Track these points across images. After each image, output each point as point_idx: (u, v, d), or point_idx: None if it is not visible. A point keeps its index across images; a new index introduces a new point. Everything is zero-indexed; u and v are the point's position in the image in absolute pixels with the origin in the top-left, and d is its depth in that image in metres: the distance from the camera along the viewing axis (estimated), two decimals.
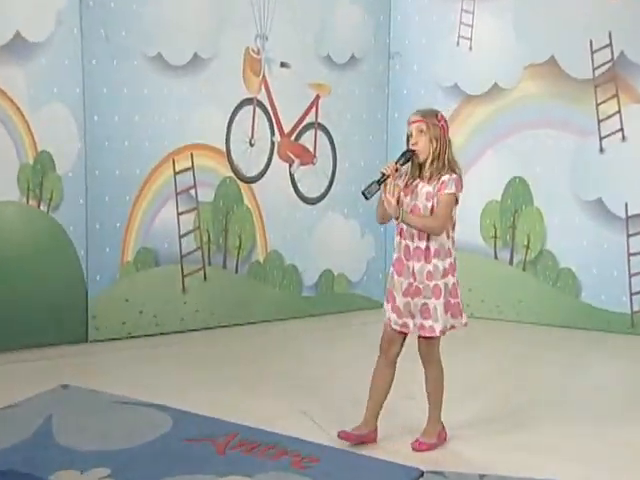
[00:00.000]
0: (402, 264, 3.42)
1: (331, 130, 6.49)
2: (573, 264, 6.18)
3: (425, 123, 3.36)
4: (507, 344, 5.74)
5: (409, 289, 3.42)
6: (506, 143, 6.40)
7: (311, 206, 6.45)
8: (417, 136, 3.37)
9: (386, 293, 3.52)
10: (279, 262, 6.28)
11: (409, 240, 3.41)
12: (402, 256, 3.41)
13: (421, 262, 3.38)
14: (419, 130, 3.37)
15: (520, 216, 6.36)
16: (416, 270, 3.39)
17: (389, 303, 3.49)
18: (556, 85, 6.17)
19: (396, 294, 3.46)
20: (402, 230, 3.42)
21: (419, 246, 3.39)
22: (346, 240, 6.56)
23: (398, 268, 3.43)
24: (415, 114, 3.43)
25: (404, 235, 3.43)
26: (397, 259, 3.43)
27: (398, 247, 3.43)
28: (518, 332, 6.11)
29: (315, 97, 6.38)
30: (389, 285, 3.49)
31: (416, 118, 3.40)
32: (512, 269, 6.39)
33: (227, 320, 6.01)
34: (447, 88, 6.52)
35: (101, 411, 3.92)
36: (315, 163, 6.42)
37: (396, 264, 3.44)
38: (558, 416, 4.08)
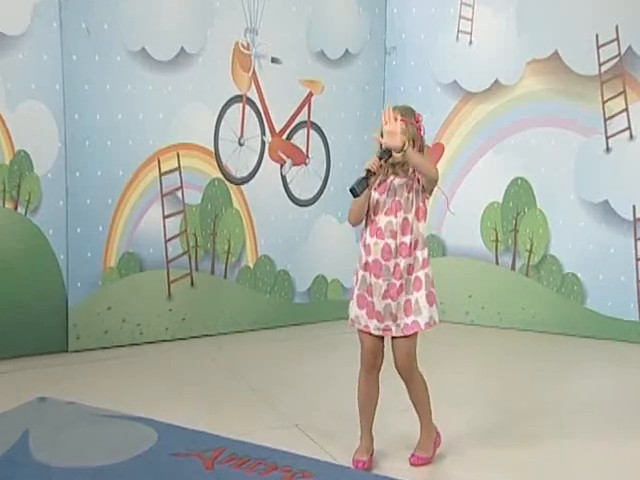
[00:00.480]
0: (379, 265, 3.39)
1: (324, 129, 6.45)
2: (578, 269, 6.15)
3: (404, 122, 3.33)
4: (509, 352, 5.72)
5: (390, 290, 3.39)
6: (508, 142, 6.36)
7: (304, 208, 6.41)
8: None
9: (355, 299, 3.46)
10: (270, 267, 6.26)
11: (390, 238, 3.37)
12: (379, 257, 3.37)
13: (405, 257, 3.38)
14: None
15: (522, 219, 6.33)
16: (402, 267, 3.37)
17: (363, 309, 3.45)
18: (560, 82, 6.14)
19: (373, 298, 3.42)
20: (379, 230, 3.38)
21: (404, 242, 3.38)
22: (340, 244, 6.50)
23: (375, 270, 3.39)
24: (393, 109, 3.38)
25: (382, 234, 3.39)
26: (374, 261, 3.38)
27: (374, 248, 3.37)
28: (520, 340, 6.08)
29: (307, 94, 6.34)
30: (359, 290, 3.45)
31: (395, 116, 3.35)
32: (514, 274, 6.37)
33: (215, 328, 5.99)
34: (446, 85, 6.49)
35: (81, 425, 3.88)
36: (308, 164, 6.38)
37: (372, 266, 3.39)
38: (560, 431, 4.06)
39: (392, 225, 3.39)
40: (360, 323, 3.49)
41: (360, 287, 3.45)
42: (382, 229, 3.40)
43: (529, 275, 6.32)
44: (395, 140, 3.24)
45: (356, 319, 3.50)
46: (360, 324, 3.48)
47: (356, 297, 3.46)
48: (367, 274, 3.43)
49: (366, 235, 3.43)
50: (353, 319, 3.51)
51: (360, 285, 3.45)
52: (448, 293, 6.25)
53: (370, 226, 3.42)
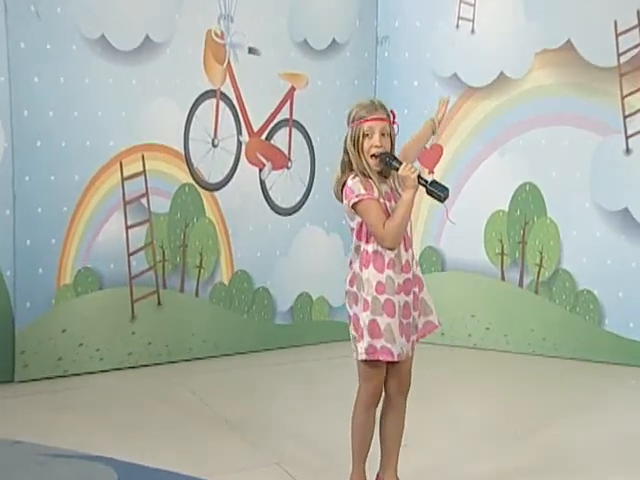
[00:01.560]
0: (410, 280, 3.32)
1: (308, 128, 6.46)
2: (595, 286, 6.14)
3: (389, 124, 3.32)
4: (517, 380, 5.72)
5: (414, 303, 3.36)
6: (515, 143, 6.36)
7: (285, 218, 6.42)
8: (381, 138, 3.29)
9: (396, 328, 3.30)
10: (247, 284, 6.25)
11: (405, 250, 3.33)
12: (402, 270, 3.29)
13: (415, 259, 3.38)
14: (383, 132, 3.30)
15: (531, 229, 6.33)
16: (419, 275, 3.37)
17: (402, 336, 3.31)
18: (574, 74, 6.16)
19: (401, 318, 3.31)
20: (406, 240, 3.32)
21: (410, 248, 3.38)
22: (327, 258, 6.53)
23: (404, 285, 3.30)
24: (374, 108, 3.32)
25: (406, 244, 3.34)
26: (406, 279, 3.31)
27: (396, 259, 3.29)
28: (530, 366, 6.09)
29: (290, 89, 6.35)
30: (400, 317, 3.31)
31: (380, 115, 3.32)
32: (522, 292, 6.36)
33: (185, 353, 5.95)
34: (445, 79, 6.50)
35: (30, 467, 3.81)
36: (290, 167, 6.39)
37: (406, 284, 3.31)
38: (576, 470, 3.98)
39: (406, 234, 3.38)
40: (403, 352, 3.35)
41: (400, 314, 3.33)
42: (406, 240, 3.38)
43: (539, 292, 6.32)
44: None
45: (402, 350, 3.34)
46: (403, 353, 3.35)
47: (399, 327, 3.31)
48: (403, 296, 3.33)
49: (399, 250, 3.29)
50: (401, 353, 3.33)
51: (399, 312, 3.32)
52: (448, 312, 6.22)
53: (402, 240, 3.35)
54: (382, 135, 3.27)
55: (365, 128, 3.27)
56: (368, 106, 3.32)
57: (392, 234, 3.21)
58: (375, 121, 3.29)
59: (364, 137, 3.28)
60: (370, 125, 3.27)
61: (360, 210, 3.22)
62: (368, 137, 3.28)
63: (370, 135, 3.27)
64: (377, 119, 3.29)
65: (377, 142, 3.26)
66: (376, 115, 3.30)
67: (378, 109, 3.31)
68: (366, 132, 3.27)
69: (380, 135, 3.27)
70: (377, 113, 3.31)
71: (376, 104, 3.33)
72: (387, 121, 3.31)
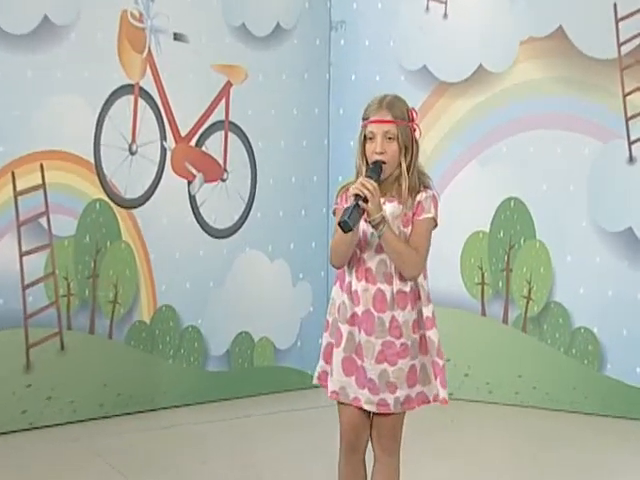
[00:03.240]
0: (371, 318, 3.49)
1: (248, 132, 6.41)
2: (594, 323, 6.10)
3: (396, 125, 3.43)
4: (502, 437, 5.73)
5: (386, 351, 3.49)
6: (497, 150, 6.35)
7: (220, 241, 6.35)
8: (384, 143, 3.42)
9: (338, 362, 3.55)
10: (174, 323, 6.17)
11: (384, 283, 3.48)
12: (371, 307, 3.47)
13: (406, 310, 3.49)
14: (386, 135, 3.43)
15: (517, 254, 6.30)
16: (401, 322, 3.48)
17: (350, 376, 3.53)
18: (566, 68, 6.13)
19: (364, 361, 3.50)
20: (367, 271, 3.49)
21: (403, 290, 3.48)
22: (271, 290, 6.53)
23: (366, 324, 3.48)
24: (379, 107, 3.46)
25: (373, 278, 3.49)
26: (364, 312, 3.49)
27: (363, 295, 3.49)
28: (517, 420, 6.07)
29: (225, 85, 6.29)
30: (346, 352, 3.53)
31: (383, 116, 3.43)
32: (507, 330, 6.35)
33: (95, 410, 5.86)
34: (413, 72, 6.48)
35: None
36: (225, 179, 6.33)
37: (360, 319, 3.50)
38: None
39: (386, 266, 3.49)
40: (348, 396, 3.54)
41: (346, 348, 3.53)
42: (372, 271, 3.50)
43: (527, 331, 6.29)
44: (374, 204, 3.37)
45: (342, 391, 3.54)
46: (348, 396, 3.53)
47: (342, 361, 3.54)
48: (355, 330, 3.52)
49: (350, 278, 3.52)
50: (337, 391, 3.55)
51: (345, 345, 3.52)
52: None
53: (356, 267, 3.52)
54: (388, 139, 3.41)
55: (367, 131, 3.43)
56: (374, 104, 3.46)
57: (330, 249, 3.49)
58: (377, 123, 3.42)
59: (367, 140, 3.44)
60: (371, 127, 3.42)
61: None
62: (371, 141, 3.43)
63: (373, 139, 3.43)
64: (379, 121, 3.42)
65: (378, 147, 3.40)
66: (378, 116, 3.42)
67: (383, 108, 3.43)
68: (368, 135, 3.43)
69: (384, 139, 3.41)
70: (380, 113, 3.43)
71: (383, 102, 3.45)
72: (395, 122, 3.42)
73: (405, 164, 3.45)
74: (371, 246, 3.48)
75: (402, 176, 3.45)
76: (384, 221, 3.37)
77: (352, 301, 3.50)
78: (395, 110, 3.43)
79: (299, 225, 6.49)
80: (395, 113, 3.42)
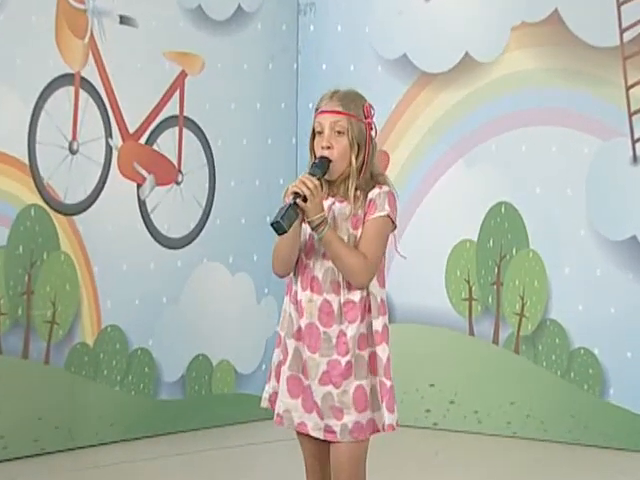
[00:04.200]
0: (316, 332, 3.47)
1: (205, 129, 6.34)
2: (594, 342, 6.03)
3: (347, 118, 3.43)
4: (491, 472, 5.64)
5: (331, 371, 3.46)
6: (485, 149, 6.28)
7: (175, 252, 6.27)
8: (331, 137, 3.43)
9: (284, 384, 3.52)
10: (121, 345, 6.08)
11: (330, 293, 3.47)
12: (316, 321, 3.46)
13: (355, 323, 3.45)
14: (335, 129, 3.43)
15: (509, 266, 6.25)
16: (349, 337, 3.44)
17: (297, 397, 3.51)
18: (562, 57, 6.06)
19: (309, 381, 3.48)
20: (313, 280, 3.49)
21: (351, 300, 3.45)
22: (233, 307, 6.46)
23: (309, 339, 3.47)
24: (330, 98, 3.48)
25: (319, 287, 3.49)
26: (308, 326, 3.47)
27: (307, 307, 3.49)
28: (509, 453, 6.02)
29: (179, 75, 6.21)
30: (290, 369, 3.51)
31: (333, 107, 3.45)
32: (497, 351, 6.27)
33: (29, 447, 5.72)
34: (391, 62, 6.42)
35: None
36: (180, 182, 6.25)
37: (304, 333, 3.48)
38: None
39: (334, 274, 3.48)
40: (292, 420, 3.50)
41: (291, 365, 3.51)
42: (319, 279, 3.49)
43: (520, 352, 6.22)
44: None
45: (286, 414, 3.51)
46: (292, 421, 3.50)
47: (286, 380, 3.52)
48: (300, 345, 3.51)
49: (296, 288, 3.54)
50: (281, 414, 3.51)
51: (291, 362, 3.51)
52: (397, 380, 5.80)
53: (302, 275, 3.52)
54: (337, 133, 3.40)
55: (315, 122, 3.46)
56: (326, 95, 3.49)
57: (272, 256, 3.51)
58: (325, 114, 3.44)
59: (317, 133, 3.46)
60: (319, 119, 3.44)
61: None
62: (319, 135, 3.45)
63: (321, 132, 3.44)
64: (328, 112, 3.43)
65: (324, 141, 3.41)
66: (328, 107, 3.43)
67: (334, 99, 3.44)
68: (316, 128, 3.45)
69: (332, 132, 3.41)
70: (330, 104, 3.44)
71: (335, 93, 3.47)
72: (344, 114, 3.42)
73: (355, 163, 3.42)
74: (317, 252, 3.46)
75: (351, 175, 3.42)
76: (325, 222, 3.36)
77: (297, 313, 3.50)
78: (347, 102, 3.42)
79: (264, 234, 6.15)
80: (347, 105, 3.42)
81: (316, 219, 3.35)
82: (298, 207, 3.31)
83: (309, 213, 3.33)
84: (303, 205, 3.30)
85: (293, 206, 3.31)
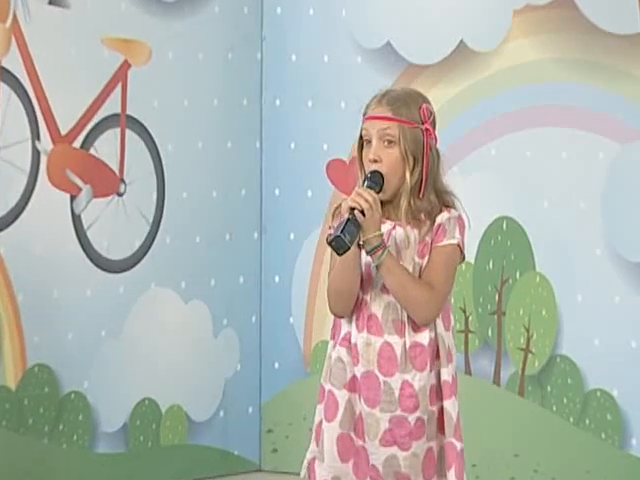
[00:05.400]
0: (375, 383, 3.40)
1: (153, 130, 6.19)
2: (613, 383, 5.83)
3: (398, 124, 3.38)
4: None
5: (396, 430, 3.40)
6: (483, 155, 6.14)
7: (116, 276, 6.11)
8: (380, 147, 3.38)
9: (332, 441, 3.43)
10: (50, 388, 5.90)
11: (393, 335, 3.41)
12: (375, 368, 3.40)
13: (425, 372, 3.42)
14: (384, 138, 3.38)
15: (512, 292, 6.08)
16: (417, 388, 3.39)
17: (347, 462, 3.44)
18: (574, 46, 5.91)
19: (365, 441, 3.42)
20: (371, 318, 3.43)
21: (419, 343, 3.42)
22: (185, 341, 6.31)
23: (367, 391, 3.40)
24: (379, 101, 3.42)
25: (378, 327, 3.43)
26: (365, 374, 3.40)
27: (364, 351, 3.42)
28: None
29: (121, 66, 6.07)
30: (342, 427, 3.42)
31: (381, 112, 3.39)
32: (499, 393, 6.12)
33: None
34: (373, 51, 6.28)
35: None
36: (122, 193, 6.10)
37: (361, 383, 3.41)
38: None
39: (396, 311, 3.43)
40: None
41: (342, 422, 3.44)
42: (378, 318, 3.43)
43: (525, 394, 6.05)
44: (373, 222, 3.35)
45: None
46: None
47: (336, 440, 3.46)
48: (356, 397, 3.44)
49: (349, 328, 3.47)
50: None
51: (342, 419, 3.44)
52: None
53: (357, 312, 3.47)
54: (385, 143, 3.37)
55: (363, 130, 3.44)
56: (375, 97, 3.46)
57: (328, 291, 3.46)
58: (372, 120, 3.41)
59: (365, 142, 3.45)
60: (366, 126, 3.42)
61: None
62: (367, 144, 3.44)
63: (369, 141, 3.42)
64: (375, 117, 3.39)
65: (370, 153, 3.38)
66: (376, 111, 3.39)
67: (383, 103, 3.40)
68: (364, 136, 3.43)
69: (380, 142, 3.37)
70: (379, 109, 3.39)
71: (386, 95, 3.43)
72: (394, 120, 3.37)
73: (410, 180, 3.35)
74: (375, 284, 3.41)
75: (404, 194, 3.35)
76: (383, 244, 3.31)
77: (351, 358, 3.44)
78: (398, 105, 3.36)
79: (222, 254, 6.35)
80: (398, 109, 3.35)
81: (374, 239, 3.30)
82: (357, 222, 3.29)
83: (367, 231, 3.29)
84: (362, 219, 3.25)
85: (353, 220, 3.28)
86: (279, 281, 6.61)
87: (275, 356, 6.51)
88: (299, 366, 6.57)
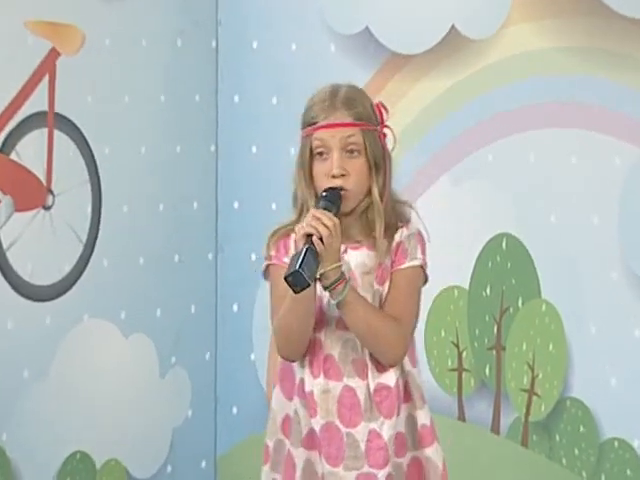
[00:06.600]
0: (336, 435, 3.42)
1: (87, 131, 6.00)
2: (633, 432, 5.57)
3: (361, 130, 3.42)
4: None
5: None
6: (478, 160, 5.93)
7: (42, 305, 5.87)
8: (342, 159, 3.38)
9: None
10: None
11: (354, 377, 3.43)
12: (335, 419, 3.41)
13: (392, 418, 3.43)
14: (347, 148, 3.39)
15: (514, 323, 5.84)
16: (386, 438, 3.40)
17: None
18: (585, 32, 5.70)
19: None
20: (327, 360, 3.44)
21: (385, 385, 3.42)
22: (125, 383, 6.11)
23: (328, 447, 3.42)
24: (331, 103, 3.43)
25: (336, 370, 3.44)
26: (325, 427, 3.41)
27: (321, 399, 3.42)
28: None
29: (48, 55, 5.87)
30: None
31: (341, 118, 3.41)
32: (498, 443, 5.87)
33: None
34: (349, 38, 6.17)
35: None
36: (50, 206, 5.90)
37: (320, 438, 3.41)
38: None
39: (356, 349, 3.45)
40: None
41: None
42: (335, 359, 3.46)
43: (529, 444, 5.81)
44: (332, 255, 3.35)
45: None
46: None
47: None
48: (315, 455, 3.46)
49: (302, 374, 3.49)
50: None
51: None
52: None
53: (310, 354, 3.49)
54: (349, 153, 3.37)
55: (315, 141, 3.39)
56: (322, 99, 3.44)
57: (275, 331, 3.44)
58: (332, 128, 3.40)
59: (315, 156, 3.41)
60: (321, 136, 3.38)
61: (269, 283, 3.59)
62: (321, 158, 3.39)
63: (325, 154, 3.38)
64: (336, 125, 3.39)
65: (335, 168, 3.35)
66: (333, 118, 3.39)
67: (338, 105, 3.40)
68: (316, 149, 3.39)
69: (342, 153, 3.36)
70: (335, 114, 3.40)
71: (337, 95, 3.43)
72: (361, 126, 3.40)
73: (377, 190, 3.35)
74: (329, 320, 3.41)
75: (374, 209, 3.35)
76: (343, 276, 3.29)
77: (307, 410, 3.44)
78: (358, 107, 3.38)
79: (170, 279, 6.20)
80: (358, 112, 3.37)
81: (332, 272, 3.25)
82: (316, 253, 3.25)
83: (325, 262, 3.25)
84: (322, 249, 3.21)
85: (311, 251, 3.23)
86: (238, 310, 6.50)
87: (233, 400, 6.43)
88: (261, 411, 6.38)
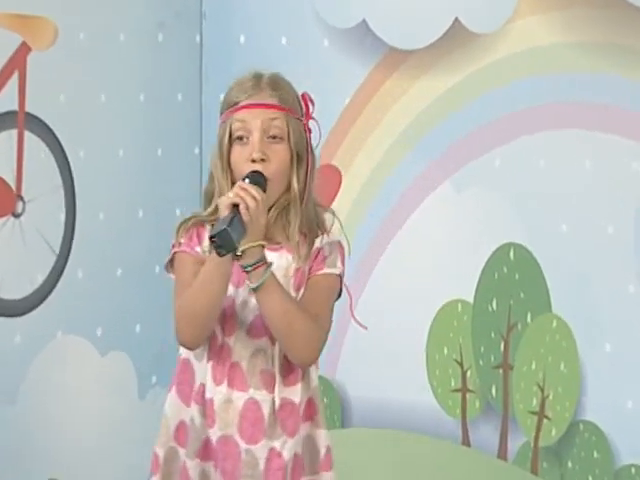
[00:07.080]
0: (234, 450, 3.37)
1: (60, 133, 5.88)
2: None
3: (285, 115, 3.39)
4: None
5: None
6: (483, 165, 5.85)
7: (11, 321, 5.76)
8: (263, 142, 3.35)
9: None
10: None
11: (260, 390, 3.37)
12: (235, 433, 3.35)
13: (295, 437, 3.40)
14: (270, 132, 3.39)
15: (522, 340, 5.74)
16: (286, 459, 3.37)
17: None
18: (599, 26, 5.62)
19: None
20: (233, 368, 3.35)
21: (290, 400, 3.39)
22: (102, 405, 5.95)
23: (224, 461, 3.37)
24: (255, 85, 3.43)
25: (242, 380, 3.38)
26: (222, 440, 3.35)
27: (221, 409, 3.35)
28: None
29: (18, 50, 5.78)
30: None
31: (264, 99, 3.41)
32: (505, 469, 5.79)
33: None
34: (344, 32, 6.07)
35: None
36: (20, 214, 5.80)
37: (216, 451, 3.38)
38: None
39: (266, 360, 3.41)
40: None
41: None
42: (242, 368, 3.40)
43: (539, 470, 5.71)
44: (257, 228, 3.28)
45: None
46: None
47: None
48: (210, 468, 3.42)
49: (204, 379, 3.41)
50: None
51: None
52: None
53: (214, 359, 3.40)
54: (272, 139, 3.34)
55: (235, 124, 3.36)
56: (247, 81, 3.44)
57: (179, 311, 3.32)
58: (253, 109, 3.37)
59: (234, 141, 3.36)
60: (243, 117, 3.35)
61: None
62: (241, 142, 3.35)
63: (245, 137, 3.34)
64: (257, 105, 3.37)
65: (255, 151, 3.32)
66: (257, 98, 3.37)
67: (263, 87, 3.40)
68: (236, 132, 3.35)
69: (264, 137, 3.33)
70: (260, 94, 3.38)
71: (262, 78, 3.43)
72: (285, 110, 3.38)
73: (297, 184, 3.32)
74: (242, 323, 3.34)
75: (292, 205, 3.34)
76: (266, 262, 3.22)
77: (204, 418, 3.37)
78: (283, 92, 3.36)
79: (151, 292, 6.08)
80: (284, 96, 3.35)
81: (256, 251, 3.19)
82: (243, 223, 3.19)
83: (249, 237, 3.17)
84: (248, 219, 3.13)
85: (238, 218, 3.16)
86: None
87: None
88: None
